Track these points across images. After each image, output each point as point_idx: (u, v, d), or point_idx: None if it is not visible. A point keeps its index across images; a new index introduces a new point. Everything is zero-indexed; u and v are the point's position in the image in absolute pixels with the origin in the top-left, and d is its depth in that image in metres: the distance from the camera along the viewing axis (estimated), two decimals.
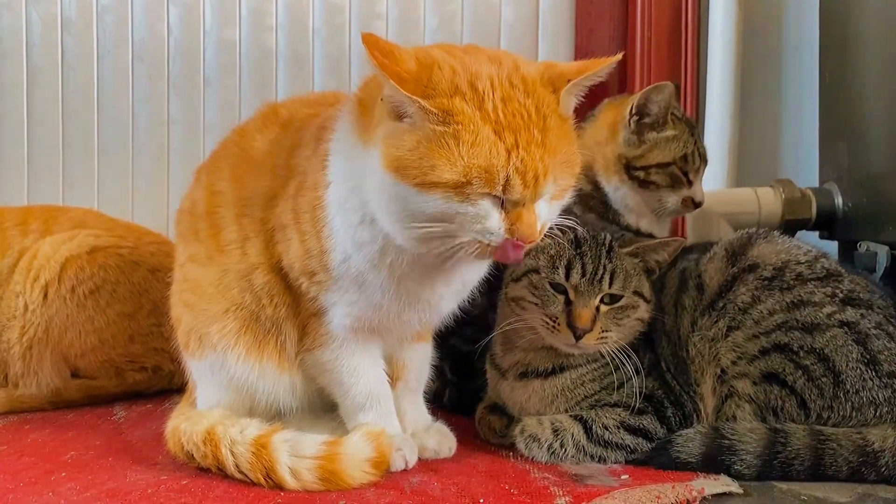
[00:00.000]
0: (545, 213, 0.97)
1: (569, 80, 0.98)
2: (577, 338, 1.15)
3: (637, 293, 1.20)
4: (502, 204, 0.94)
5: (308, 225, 1.07)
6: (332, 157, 1.05)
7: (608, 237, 1.20)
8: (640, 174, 1.47)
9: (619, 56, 1.01)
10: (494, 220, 0.93)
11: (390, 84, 0.91)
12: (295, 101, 1.24)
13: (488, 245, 0.94)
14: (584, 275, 1.16)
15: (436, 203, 0.91)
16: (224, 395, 1.17)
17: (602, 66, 1.00)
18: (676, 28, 2.14)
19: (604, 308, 1.17)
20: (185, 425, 1.14)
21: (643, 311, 1.21)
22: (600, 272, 1.16)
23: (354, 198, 1.01)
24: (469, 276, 1.12)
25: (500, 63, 0.97)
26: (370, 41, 0.91)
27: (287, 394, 1.17)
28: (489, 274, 1.17)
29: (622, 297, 1.18)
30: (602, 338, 1.17)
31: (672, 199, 1.48)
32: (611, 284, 1.17)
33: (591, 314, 1.15)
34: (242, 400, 1.17)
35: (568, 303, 1.17)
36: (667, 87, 1.47)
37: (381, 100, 0.95)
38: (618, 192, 1.48)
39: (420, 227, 0.94)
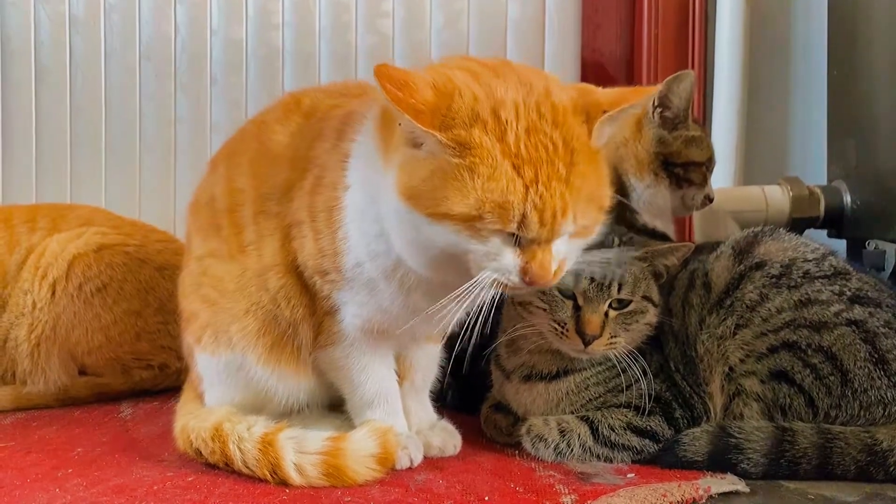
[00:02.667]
0: (563, 251, 0.93)
1: (604, 112, 0.93)
2: (587, 344, 1.15)
3: (646, 298, 1.19)
4: (518, 241, 0.90)
5: (323, 224, 1.05)
6: (354, 159, 1.03)
7: (616, 241, 1.19)
8: (680, 171, 1.46)
9: (659, 87, 0.97)
10: (508, 259, 0.90)
11: (405, 118, 0.88)
12: (318, 91, 1.21)
13: (505, 284, 0.91)
14: (591, 281, 1.15)
15: (446, 235, 0.89)
16: (237, 394, 1.17)
17: (641, 98, 0.95)
18: (683, 24, 2.14)
19: (612, 313, 1.17)
20: (193, 422, 1.14)
21: (651, 315, 1.20)
22: (609, 278, 1.16)
23: (373, 208, 0.99)
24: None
25: (531, 88, 0.91)
26: (382, 73, 0.88)
27: (305, 396, 1.17)
28: None
29: (631, 301, 1.17)
30: (611, 343, 1.16)
31: (698, 198, 1.49)
32: (619, 290, 1.16)
33: (600, 320, 1.15)
34: (256, 400, 1.17)
35: (576, 308, 1.16)
36: (688, 75, 1.43)
37: (400, 125, 0.92)
38: (648, 190, 1.46)
39: (431, 257, 0.93)
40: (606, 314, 1.16)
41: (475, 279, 0.91)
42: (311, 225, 1.07)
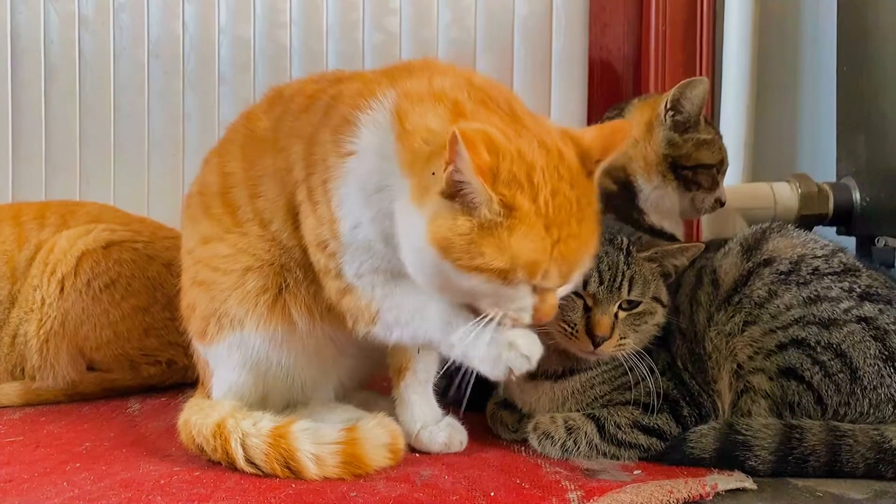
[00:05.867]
0: (562, 292, 1.02)
1: (598, 162, 1.03)
2: (596, 345, 1.14)
3: (655, 299, 1.19)
4: (533, 287, 0.98)
5: (319, 193, 1.06)
6: (365, 129, 1.03)
7: (625, 241, 1.19)
8: (689, 174, 1.46)
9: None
10: (527, 301, 0.98)
11: (477, 182, 0.91)
12: (299, 80, 1.26)
13: (515, 319, 0.98)
14: (601, 282, 1.15)
15: (473, 283, 0.94)
16: (238, 377, 1.17)
17: (625, 144, 1.06)
18: (691, 21, 2.13)
19: (622, 314, 1.16)
20: (195, 418, 1.14)
21: (660, 316, 1.20)
22: (619, 279, 1.15)
23: (376, 199, 1.01)
24: None
25: (548, 150, 0.98)
26: (467, 139, 0.90)
27: (305, 359, 1.16)
28: None
29: (640, 303, 1.17)
30: (620, 344, 1.16)
31: (708, 200, 1.49)
32: (630, 291, 1.16)
33: (610, 321, 1.15)
34: (257, 382, 1.17)
35: (586, 308, 1.16)
36: (702, 82, 1.44)
37: (433, 174, 0.95)
38: (656, 191, 1.46)
39: (441, 288, 0.98)
40: (616, 315, 1.16)
41: (489, 315, 0.99)
42: (310, 201, 1.08)
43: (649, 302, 1.18)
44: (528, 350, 1.01)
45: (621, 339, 1.16)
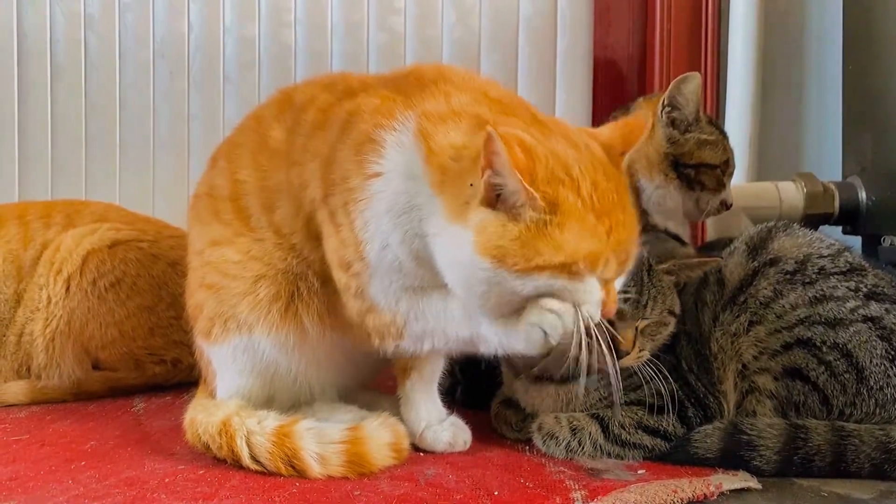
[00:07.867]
0: (619, 287, 1.02)
1: (621, 154, 1.04)
2: (618, 359, 1.14)
3: (670, 312, 1.19)
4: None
5: (342, 215, 1.05)
6: (391, 149, 1.02)
7: (645, 255, 1.18)
8: (691, 172, 1.45)
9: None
10: (598, 295, 0.97)
11: (515, 179, 0.91)
12: (308, 85, 1.23)
13: (589, 317, 0.97)
14: (627, 299, 1.14)
15: (537, 284, 0.94)
16: (245, 380, 1.17)
17: (645, 131, 1.07)
18: (697, 20, 2.12)
19: (642, 324, 1.16)
20: (201, 416, 1.15)
21: (672, 326, 1.20)
22: (645, 298, 1.15)
23: (407, 216, 1.01)
24: None
25: (577, 146, 0.99)
26: (506, 139, 0.90)
27: (321, 370, 1.16)
28: None
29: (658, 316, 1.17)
30: (639, 357, 1.16)
31: (713, 202, 1.48)
32: (653, 309, 1.16)
33: (633, 336, 1.15)
34: (264, 385, 1.17)
35: (609, 322, 1.15)
36: (694, 77, 1.44)
37: (471, 185, 0.95)
38: (658, 190, 1.45)
39: (497, 303, 0.97)
40: (636, 328, 1.16)
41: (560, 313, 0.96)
42: (331, 220, 1.07)
43: (665, 315, 1.18)
44: (557, 307, 0.96)
45: (640, 350, 1.16)
